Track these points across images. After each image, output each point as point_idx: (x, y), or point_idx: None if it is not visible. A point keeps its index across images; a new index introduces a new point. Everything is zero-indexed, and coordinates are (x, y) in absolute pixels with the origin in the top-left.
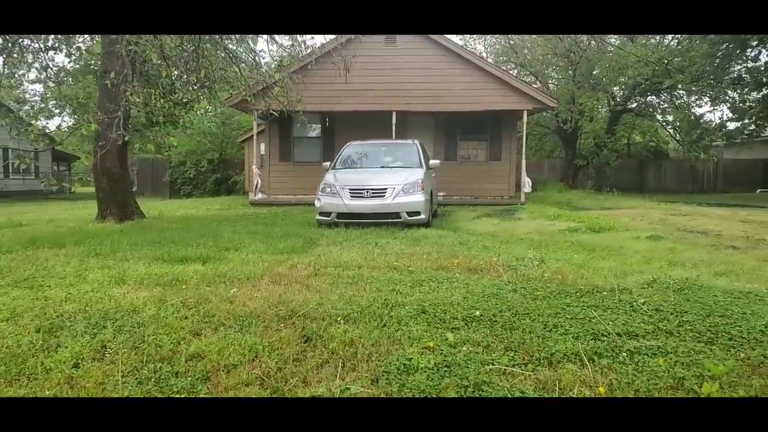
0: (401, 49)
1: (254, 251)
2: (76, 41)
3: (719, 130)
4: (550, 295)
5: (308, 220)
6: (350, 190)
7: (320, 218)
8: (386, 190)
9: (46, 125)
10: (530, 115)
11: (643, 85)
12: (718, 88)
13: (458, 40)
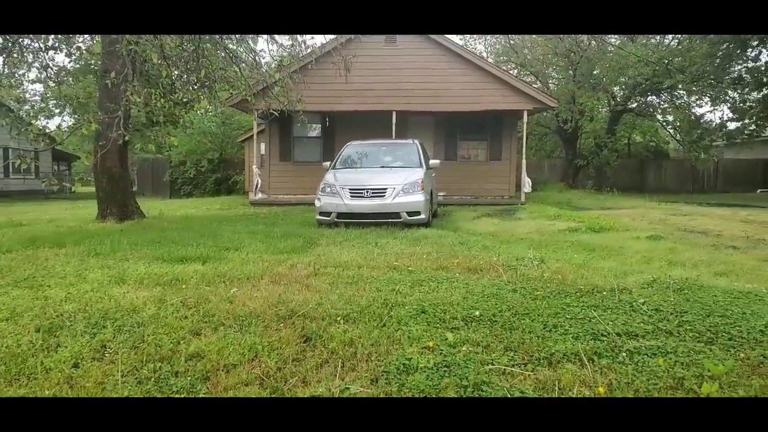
0: (401, 49)
1: (254, 251)
2: (76, 41)
3: (719, 130)
4: (549, 295)
5: (308, 219)
6: (350, 189)
7: (320, 218)
8: (386, 190)
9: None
10: (530, 115)
11: (643, 85)
12: (718, 88)
13: (458, 40)
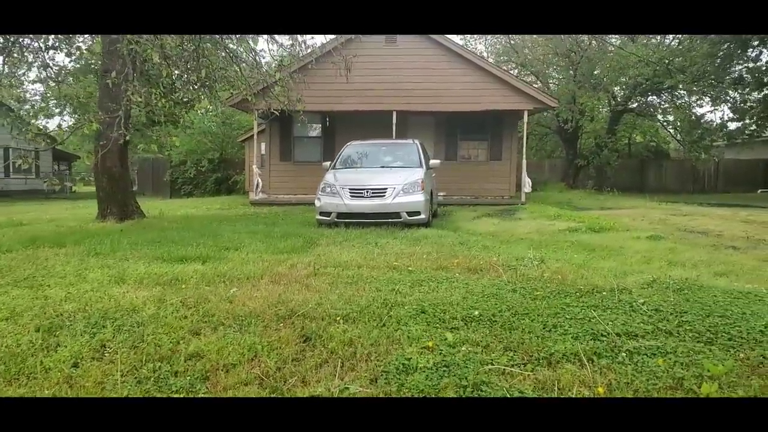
0: (401, 49)
1: (254, 251)
2: (76, 41)
3: (720, 130)
4: (549, 295)
5: (308, 219)
6: (350, 189)
7: (320, 218)
8: (386, 189)
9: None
10: (531, 115)
11: (643, 85)
12: (719, 88)
13: (459, 39)
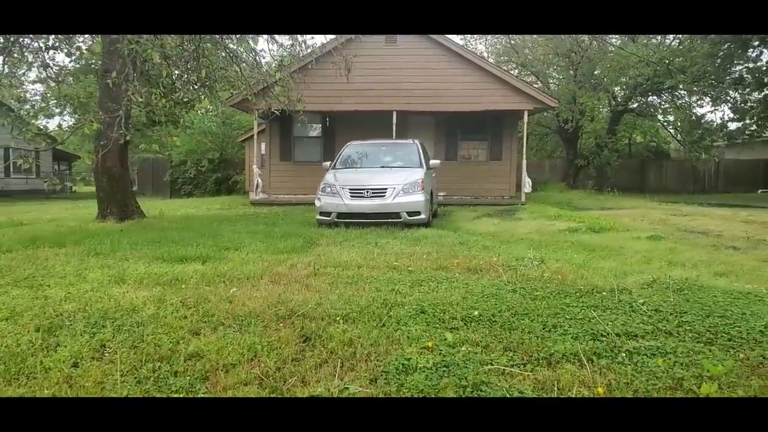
0: (402, 49)
1: (254, 251)
2: (76, 41)
3: (720, 130)
4: (549, 295)
5: (308, 219)
6: (350, 189)
7: (320, 218)
8: (386, 189)
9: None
10: (531, 115)
11: (644, 85)
12: (719, 88)
13: (459, 40)
